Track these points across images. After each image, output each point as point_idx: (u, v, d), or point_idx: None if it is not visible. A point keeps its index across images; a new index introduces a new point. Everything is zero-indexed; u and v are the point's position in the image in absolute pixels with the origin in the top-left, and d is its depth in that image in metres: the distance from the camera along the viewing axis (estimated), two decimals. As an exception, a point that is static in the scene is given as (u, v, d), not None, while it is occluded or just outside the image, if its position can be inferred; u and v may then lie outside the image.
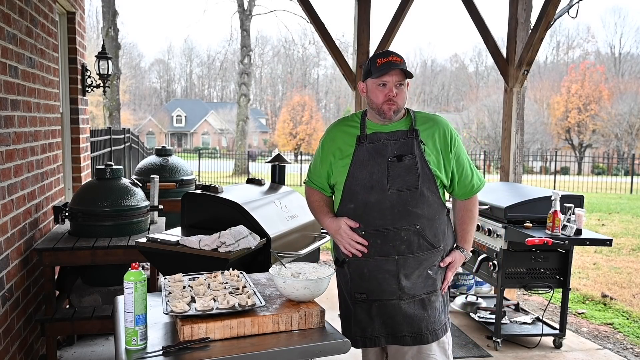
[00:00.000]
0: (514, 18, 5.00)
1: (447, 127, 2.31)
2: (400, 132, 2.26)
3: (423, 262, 2.25)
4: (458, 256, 2.37)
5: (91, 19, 36.76)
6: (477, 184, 2.38)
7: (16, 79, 3.00)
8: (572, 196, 3.87)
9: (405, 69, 2.18)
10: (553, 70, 47.17)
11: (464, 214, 2.40)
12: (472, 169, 2.36)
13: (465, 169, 2.33)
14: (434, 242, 2.27)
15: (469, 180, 2.35)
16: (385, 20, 5.38)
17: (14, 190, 2.96)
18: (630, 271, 6.68)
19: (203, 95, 64.38)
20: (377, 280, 2.25)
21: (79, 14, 4.61)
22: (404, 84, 2.23)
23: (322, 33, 5.30)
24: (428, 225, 2.24)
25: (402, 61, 2.19)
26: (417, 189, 2.21)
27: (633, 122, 34.49)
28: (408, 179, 2.21)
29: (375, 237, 2.23)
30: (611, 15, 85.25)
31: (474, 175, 2.36)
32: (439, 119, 2.33)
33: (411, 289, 2.25)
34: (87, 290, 3.57)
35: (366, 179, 2.24)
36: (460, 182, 2.34)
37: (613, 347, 4.21)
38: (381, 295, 2.26)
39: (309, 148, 40.15)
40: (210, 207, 2.93)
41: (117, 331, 1.80)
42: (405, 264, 2.23)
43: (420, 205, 2.23)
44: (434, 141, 2.26)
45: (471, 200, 2.40)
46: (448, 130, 2.30)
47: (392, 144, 2.24)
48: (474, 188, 2.37)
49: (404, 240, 2.22)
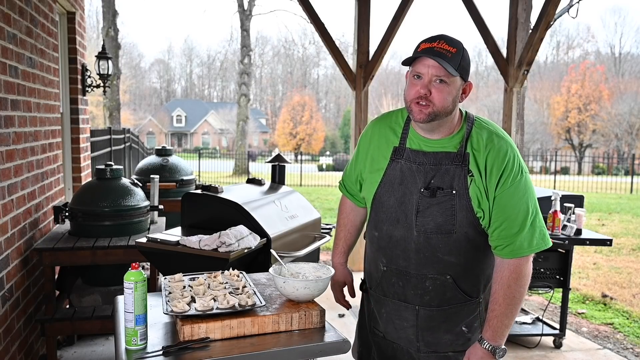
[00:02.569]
0: (514, 18, 5.00)
1: (507, 154, 1.70)
2: (445, 155, 1.74)
3: (453, 316, 1.80)
4: (473, 353, 1.74)
5: (91, 19, 36.80)
6: (523, 244, 1.69)
7: (16, 79, 3.00)
8: (572, 196, 3.87)
9: (446, 62, 1.64)
10: (553, 70, 47.17)
11: (498, 289, 1.71)
12: (525, 224, 1.69)
13: (510, 219, 1.69)
14: (470, 292, 1.80)
15: (511, 234, 1.69)
16: (385, 20, 5.39)
17: (14, 190, 2.96)
18: (630, 271, 6.68)
19: (203, 95, 64.39)
20: (394, 325, 1.89)
21: (79, 14, 4.61)
22: (449, 82, 1.67)
23: (322, 33, 5.30)
24: (464, 275, 1.78)
25: (455, 51, 1.66)
26: (452, 234, 1.73)
27: (633, 122, 34.50)
28: (441, 220, 1.73)
29: (397, 277, 1.84)
30: (611, 15, 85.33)
31: (524, 232, 1.69)
32: (502, 142, 1.72)
33: (433, 345, 1.84)
34: (87, 290, 3.56)
35: (393, 207, 1.81)
36: (497, 233, 1.72)
37: (613, 347, 4.21)
38: (398, 340, 1.90)
39: (309, 148, 40.15)
40: (210, 207, 2.92)
41: (117, 331, 1.80)
42: (428, 316, 1.81)
43: (455, 252, 1.75)
44: (484, 170, 1.71)
45: (513, 266, 1.71)
46: (503, 159, 1.69)
47: (430, 170, 1.75)
48: (514, 248, 1.70)
49: (428, 291, 1.80)
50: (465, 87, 1.75)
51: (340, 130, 47.29)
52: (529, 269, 1.74)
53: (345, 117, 44.83)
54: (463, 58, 1.69)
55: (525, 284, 1.73)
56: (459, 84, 1.72)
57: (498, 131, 1.77)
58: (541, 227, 1.73)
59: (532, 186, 1.74)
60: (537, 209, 1.72)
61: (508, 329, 1.73)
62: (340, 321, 4.42)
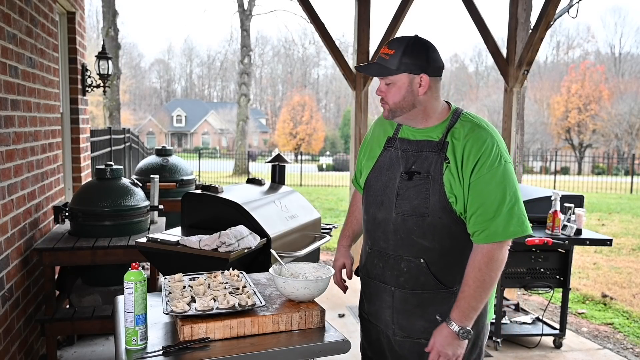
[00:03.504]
0: (514, 18, 5.00)
1: (485, 142, 1.76)
2: (427, 143, 1.84)
3: (426, 302, 1.85)
4: (439, 331, 1.79)
5: (91, 19, 36.80)
6: (498, 230, 1.72)
7: (16, 79, 3.00)
8: (572, 196, 3.87)
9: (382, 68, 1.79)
10: (553, 70, 47.17)
11: (469, 271, 1.76)
12: (500, 210, 1.72)
13: (485, 205, 1.73)
14: (445, 281, 1.83)
15: (486, 219, 1.73)
16: (385, 20, 5.39)
17: (14, 190, 2.96)
18: (630, 271, 6.68)
19: (203, 95, 64.40)
20: (375, 306, 1.98)
21: (79, 14, 4.61)
22: (393, 81, 1.80)
23: (322, 33, 5.30)
24: (439, 261, 1.82)
25: (393, 52, 1.78)
26: (426, 217, 1.80)
27: (633, 122, 34.50)
28: (416, 203, 1.80)
29: (378, 258, 1.94)
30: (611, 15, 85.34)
31: (499, 218, 1.72)
32: (482, 132, 1.79)
33: (407, 329, 1.90)
34: (87, 290, 3.57)
35: (379, 191, 1.92)
36: (473, 219, 1.76)
37: (613, 347, 4.21)
38: (378, 322, 1.98)
39: (309, 148, 40.15)
40: (210, 207, 2.92)
41: (117, 331, 1.80)
42: (402, 298, 1.88)
43: (429, 236, 1.81)
44: (459, 159, 1.78)
45: (486, 250, 1.75)
46: (481, 147, 1.75)
47: (412, 156, 1.85)
48: (489, 233, 1.73)
49: (403, 273, 1.86)
50: (420, 79, 1.80)
51: (340, 130, 47.30)
52: (502, 254, 1.76)
53: (345, 117, 44.84)
54: (404, 56, 1.77)
55: (497, 269, 1.76)
56: (407, 80, 1.79)
57: (482, 123, 1.83)
58: (520, 215, 1.75)
59: (512, 176, 1.78)
60: (516, 198, 1.75)
61: (475, 311, 1.77)
62: (340, 321, 4.42)
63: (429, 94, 1.82)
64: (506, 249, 1.78)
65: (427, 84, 1.80)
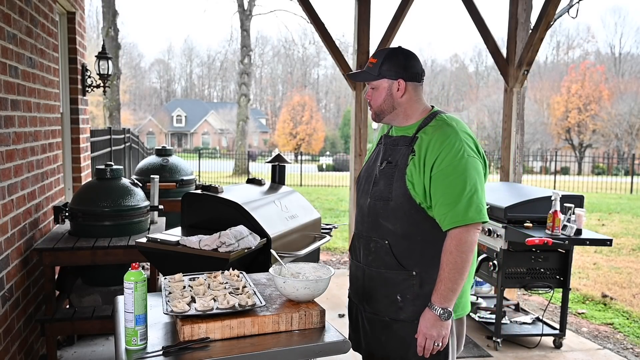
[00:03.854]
0: (514, 18, 5.00)
1: (441, 143, 1.93)
2: (402, 138, 2.06)
3: (389, 283, 2.01)
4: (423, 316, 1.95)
5: (91, 19, 36.78)
6: (459, 215, 1.89)
7: (16, 79, 3.00)
8: (572, 196, 3.87)
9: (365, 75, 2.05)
10: (553, 70, 47.17)
11: (443, 257, 1.93)
12: (460, 198, 1.89)
13: (447, 194, 1.90)
14: (405, 264, 1.99)
15: (448, 206, 1.90)
16: (385, 20, 5.39)
17: (14, 190, 2.96)
18: (630, 271, 6.68)
19: (203, 95, 64.40)
20: (354, 284, 2.20)
21: (79, 14, 4.61)
22: (375, 87, 2.05)
23: (322, 33, 5.30)
24: (402, 244, 2.00)
25: (376, 61, 2.02)
26: (389, 202, 2.00)
27: (633, 122, 34.49)
28: (383, 188, 2.03)
29: (357, 240, 2.17)
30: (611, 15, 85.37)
31: (459, 205, 1.89)
32: (449, 129, 1.96)
33: (373, 306, 2.08)
34: (87, 290, 3.56)
35: (363, 180, 2.17)
36: (437, 207, 1.93)
37: (613, 347, 4.21)
38: (355, 299, 2.19)
39: (309, 148, 40.15)
40: (210, 207, 2.92)
41: (117, 331, 1.80)
42: (370, 277, 2.08)
43: (392, 219, 2.00)
44: (423, 153, 1.96)
45: (454, 234, 1.90)
46: (444, 142, 1.93)
47: (389, 149, 2.09)
48: (452, 217, 1.90)
49: (371, 252, 2.07)
50: (397, 84, 2.03)
51: (340, 130, 47.28)
52: (469, 237, 1.91)
53: (345, 117, 44.83)
54: (384, 64, 2.02)
55: (467, 251, 1.90)
56: (387, 85, 2.03)
57: (452, 122, 2.01)
58: (478, 203, 1.91)
59: (473, 170, 1.92)
60: (476, 189, 1.91)
61: (453, 293, 1.91)
62: (340, 321, 4.42)
63: (407, 97, 2.04)
64: (473, 233, 1.92)
65: (404, 87, 2.02)
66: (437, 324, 1.91)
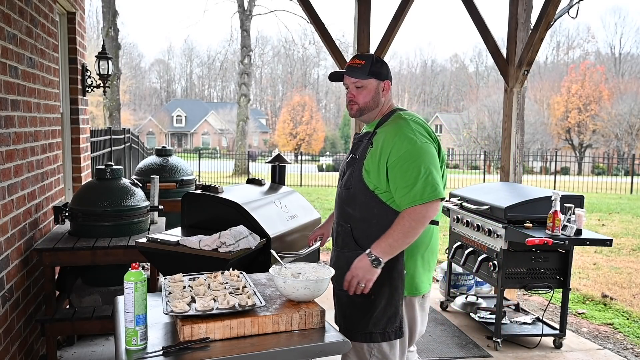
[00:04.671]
0: (514, 18, 5.00)
1: (395, 134, 2.18)
2: (366, 133, 2.35)
3: (350, 262, 2.21)
4: (358, 258, 2.18)
5: (91, 19, 36.81)
6: (416, 195, 2.12)
7: (16, 79, 3.00)
8: (572, 196, 3.86)
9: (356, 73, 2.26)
10: (553, 70, 47.19)
11: (397, 219, 2.16)
12: (417, 181, 2.11)
13: (404, 178, 2.13)
14: (362, 244, 2.23)
15: (407, 190, 2.14)
16: (385, 20, 5.38)
17: (14, 190, 2.96)
18: (630, 271, 6.68)
19: (203, 95, 64.41)
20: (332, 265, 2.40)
21: (79, 14, 4.61)
22: (363, 86, 2.28)
23: (322, 33, 5.30)
24: (361, 227, 2.26)
25: (364, 62, 2.26)
26: (350, 189, 2.29)
27: (633, 122, 34.50)
28: (347, 178, 2.32)
29: (334, 225, 2.47)
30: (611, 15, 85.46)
31: (416, 187, 2.12)
32: (398, 124, 2.22)
33: (339, 282, 2.28)
34: (87, 290, 3.56)
35: (340, 173, 2.46)
36: (397, 193, 2.18)
37: (613, 347, 4.21)
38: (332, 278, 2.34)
39: (309, 148, 40.16)
40: (211, 207, 2.92)
41: (117, 331, 1.80)
42: (336, 256, 2.36)
43: (352, 205, 2.28)
44: (380, 145, 2.21)
45: (410, 207, 2.14)
46: (397, 133, 2.18)
47: (357, 144, 2.37)
48: (410, 198, 2.14)
49: (338, 234, 2.37)
50: (384, 84, 2.32)
51: (340, 130, 47.30)
52: (426, 212, 2.13)
53: (345, 117, 44.80)
54: (373, 65, 2.28)
55: (419, 221, 2.12)
56: (375, 84, 2.30)
57: (405, 115, 2.27)
58: (433, 183, 2.13)
59: (426, 154, 2.15)
60: (430, 170, 2.13)
61: (391, 249, 2.13)
62: (340, 321, 4.42)
63: (387, 97, 2.35)
64: (431, 209, 2.14)
65: (389, 87, 2.33)
66: (366, 267, 2.14)
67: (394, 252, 2.15)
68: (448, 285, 4.88)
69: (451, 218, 4.59)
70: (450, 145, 42.26)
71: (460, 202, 4.48)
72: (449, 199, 4.74)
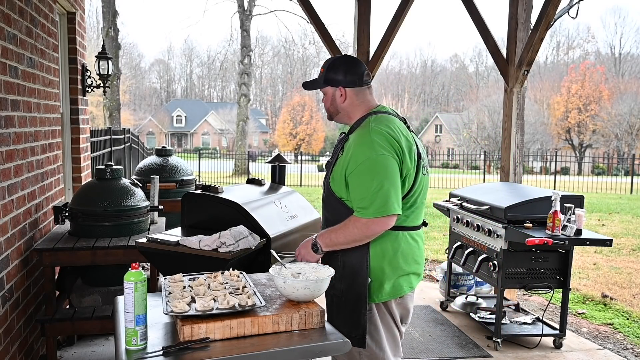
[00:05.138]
0: (514, 18, 5.00)
1: (356, 144, 2.15)
2: (342, 138, 2.33)
3: (326, 258, 2.28)
4: (306, 240, 2.31)
5: (91, 19, 36.82)
6: (368, 209, 2.09)
7: (16, 79, 3.00)
8: (572, 196, 3.87)
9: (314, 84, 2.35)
10: (553, 70, 47.20)
11: (346, 220, 2.18)
12: (366, 196, 2.09)
13: (358, 191, 2.12)
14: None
15: (358, 201, 2.13)
16: (385, 20, 5.38)
17: (14, 190, 2.96)
18: (630, 271, 6.68)
19: (203, 95, 64.42)
20: None
21: (79, 14, 4.61)
22: (324, 93, 2.34)
23: (322, 33, 5.30)
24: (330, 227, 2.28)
25: (323, 70, 2.31)
26: (324, 193, 2.35)
27: (633, 122, 34.51)
28: (324, 182, 2.36)
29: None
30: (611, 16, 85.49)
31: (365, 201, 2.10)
32: (361, 133, 2.17)
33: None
34: (87, 290, 3.56)
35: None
36: (353, 201, 2.17)
37: (613, 347, 4.21)
38: None
39: (309, 148, 40.16)
40: (210, 208, 2.92)
41: (117, 331, 1.80)
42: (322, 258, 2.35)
43: (327, 208, 2.35)
44: (346, 153, 2.18)
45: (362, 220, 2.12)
46: (359, 143, 2.14)
47: (336, 146, 2.36)
48: (360, 211, 2.12)
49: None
50: (338, 91, 2.28)
51: (340, 130, 47.21)
52: (371, 224, 2.10)
53: (345, 117, 44.69)
54: (327, 72, 2.29)
55: (363, 231, 2.12)
56: (332, 91, 2.30)
57: (371, 124, 2.17)
58: (384, 198, 2.08)
59: (381, 167, 2.08)
60: (381, 186, 2.07)
61: (333, 244, 2.21)
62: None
63: (348, 102, 2.28)
64: (378, 222, 2.10)
65: (345, 94, 2.27)
66: (308, 249, 2.27)
67: (334, 247, 2.22)
68: (448, 285, 4.88)
69: (451, 218, 4.59)
70: (450, 145, 42.28)
71: (460, 202, 4.48)
72: (449, 199, 4.74)
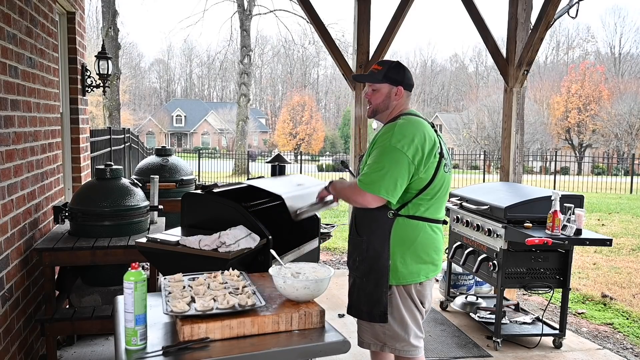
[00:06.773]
0: (514, 18, 5.00)
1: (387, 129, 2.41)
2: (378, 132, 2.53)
3: (351, 246, 2.57)
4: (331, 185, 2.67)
5: (91, 19, 36.79)
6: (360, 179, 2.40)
7: (16, 79, 3.00)
8: (572, 196, 3.86)
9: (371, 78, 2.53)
10: (553, 70, 47.19)
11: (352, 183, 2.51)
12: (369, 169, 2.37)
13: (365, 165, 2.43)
14: (359, 232, 2.51)
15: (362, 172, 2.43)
16: (385, 20, 5.39)
17: (14, 190, 2.95)
18: (630, 271, 6.68)
19: (203, 95, 64.40)
20: None
21: (79, 14, 4.61)
22: (377, 89, 2.53)
23: (322, 33, 5.30)
24: (360, 216, 2.51)
25: (381, 68, 2.52)
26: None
27: (633, 122, 34.49)
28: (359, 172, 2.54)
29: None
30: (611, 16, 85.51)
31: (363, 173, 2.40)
32: (390, 126, 2.42)
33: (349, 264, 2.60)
34: (87, 290, 3.56)
35: None
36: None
37: (613, 347, 4.21)
38: None
39: (308, 148, 40.15)
40: (210, 207, 2.92)
41: (117, 331, 1.80)
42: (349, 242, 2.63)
43: None
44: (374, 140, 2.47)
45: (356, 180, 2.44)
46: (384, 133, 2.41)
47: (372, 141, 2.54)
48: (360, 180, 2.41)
49: (352, 224, 2.61)
50: (396, 90, 2.52)
51: (340, 130, 47.27)
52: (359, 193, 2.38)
53: (345, 117, 44.83)
54: (388, 71, 2.52)
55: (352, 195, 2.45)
56: (388, 89, 2.53)
57: (399, 120, 2.43)
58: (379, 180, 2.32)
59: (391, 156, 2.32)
60: (382, 168, 2.32)
61: (336, 190, 2.61)
62: (340, 321, 4.43)
63: (400, 102, 2.54)
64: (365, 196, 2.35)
65: (401, 94, 2.53)
66: (322, 187, 2.70)
67: (336, 194, 2.61)
68: (448, 285, 4.88)
69: (451, 218, 4.59)
70: (450, 145, 42.25)
71: (460, 202, 4.48)
72: (449, 198, 4.74)
